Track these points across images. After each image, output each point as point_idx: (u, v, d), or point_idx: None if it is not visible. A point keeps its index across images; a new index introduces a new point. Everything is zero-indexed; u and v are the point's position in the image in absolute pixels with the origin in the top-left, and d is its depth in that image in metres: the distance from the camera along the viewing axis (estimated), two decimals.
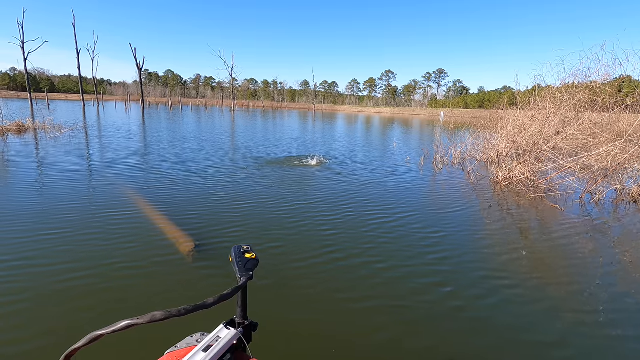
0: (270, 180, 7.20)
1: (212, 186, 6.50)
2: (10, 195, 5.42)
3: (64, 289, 2.91)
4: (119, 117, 25.38)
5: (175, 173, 7.45)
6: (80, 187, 6.12)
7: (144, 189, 6.06)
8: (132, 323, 0.62)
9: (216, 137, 14.91)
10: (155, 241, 3.88)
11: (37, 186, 6.04)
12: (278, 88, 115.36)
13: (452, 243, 4.29)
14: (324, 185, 6.97)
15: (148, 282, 3.10)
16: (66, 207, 4.95)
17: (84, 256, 3.47)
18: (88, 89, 60.03)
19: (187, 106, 60.64)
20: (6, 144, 10.58)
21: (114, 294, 2.89)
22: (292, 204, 5.61)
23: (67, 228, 4.16)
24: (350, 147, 13.85)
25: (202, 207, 5.19)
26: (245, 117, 35.85)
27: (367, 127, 29.41)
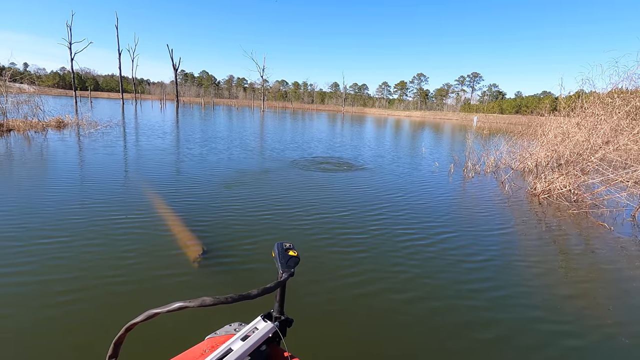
0: (293, 186, 6.90)
1: (232, 190, 6.31)
2: (28, 188, 5.55)
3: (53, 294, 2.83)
4: (154, 116, 26.27)
5: (199, 174, 7.41)
6: (99, 183, 6.19)
7: (163, 189, 6.04)
8: (184, 305, 0.66)
9: (245, 138, 14.92)
10: (164, 243, 3.77)
11: (56, 181, 6.18)
12: (308, 90, 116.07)
13: (486, 267, 3.80)
14: (349, 194, 6.61)
15: (152, 286, 2.97)
16: (77, 203, 4.99)
17: (86, 257, 3.40)
18: (128, 88, 63.06)
19: (219, 106, 62.16)
20: (45, 138, 11.13)
21: (115, 295, 2.77)
22: (313, 215, 5.22)
23: (70, 228, 4.14)
24: (378, 152, 13.46)
25: (219, 212, 5.01)
26: (274, 118, 36.14)
27: (396, 131, 28.75)
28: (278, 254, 1.01)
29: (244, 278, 3.23)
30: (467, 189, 7.79)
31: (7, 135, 11.21)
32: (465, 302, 3.08)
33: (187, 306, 0.67)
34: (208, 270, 3.31)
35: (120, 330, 0.68)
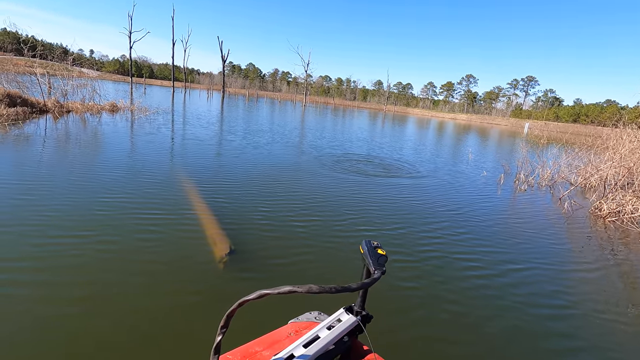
0: (330, 189, 6.43)
1: (267, 187, 6.12)
2: (76, 166, 5.77)
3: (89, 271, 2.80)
4: (201, 105, 27.19)
5: (236, 167, 7.37)
6: (137, 168, 6.32)
7: (199, 179, 6.04)
8: (293, 290, 0.71)
9: (285, 132, 14.79)
10: (192, 237, 3.69)
11: (102, 162, 6.39)
12: (351, 86, 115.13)
13: (564, 317, 3.15)
14: (390, 203, 6.13)
15: (174, 279, 2.87)
16: (112, 187, 5.08)
17: (107, 246, 3.38)
18: (180, 76, 66.13)
19: (262, 98, 63.34)
20: (99, 121, 11.77)
21: (134, 286, 2.70)
22: (350, 226, 4.69)
23: (101, 211, 4.19)
24: (421, 155, 12.85)
25: (251, 210, 4.83)
26: (315, 113, 36.08)
27: (440, 134, 27.56)
28: (367, 251, 1.02)
29: (269, 280, 3.05)
30: (520, 204, 7.11)
31: (66, 116, 12.00)
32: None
33: (295, 291, 0.71)
34: (233, 270, 3.16)
35: (234, 304, 0.73)
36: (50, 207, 4.13)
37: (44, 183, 4.98)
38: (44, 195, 4.50)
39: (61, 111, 12.54)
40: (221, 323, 0.76)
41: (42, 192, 4.59)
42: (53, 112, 12.18)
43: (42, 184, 4.91)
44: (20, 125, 9.27)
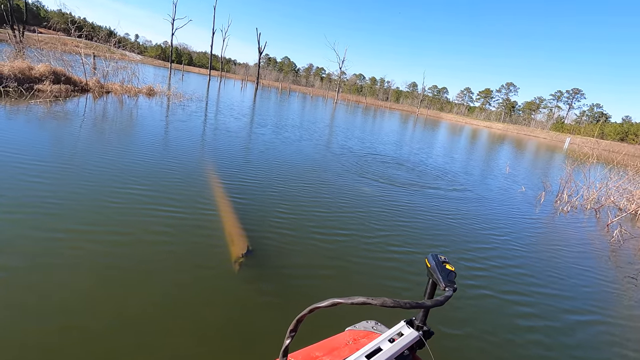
0: (356, 197, 5.90)
1: (292, 191, 5.72)
2: (92, 149, 5.81)
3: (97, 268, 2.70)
4: (234, 95, 27.52)
5: (264, 163, 7.21)
6: (163, 155, 6.31)
7: (224, 173, 5.95)
8: (367, 301, 0.70)
9: (317, 130, 14.49)
10: (209, 233, 3.55)
11: (127, 146, 6.43)
12: (384, 87, 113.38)
13: None
14: (421, 218, 5.60)
15: (186, 278, 2.72)
16: (133, 171, 5.05)
17: (122, 229, 3.29)
18: (217, 66, 67.47)
19: (294, 92, 63.56)
20: (135, 104, 12.04)
21: (140, 280, 2.57)
22: (377, 242, 4.28)
23: (121, 193, 4.13)
24: (453, 164, 12.30)
25: (273, 211, 4.61)
26: (346, 111, 35.70)
27: (473, 141, 26.49)
28: (436, 266, 0.99)
29: (284, 288, 2.85)
30: (564, 228, 6.53)
31: (105, 96, 12.38)
32: None
33: (369, 303, 0.70)
34: (248, 272, 2.99)
35: (305, 310, 0.73)
36: (67, 189, 4.13)
37: (64, 165, 5.03)
38: (61, 177, 4.53)
39: (101, 91, 12.95)
40: (290, 327, 0.77)
41: (60, 175, 4.62)
42: (93, 91, 12.60)
43: (61, 166, 4.97)
44: (62, 102, 9.60)
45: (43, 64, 11.24)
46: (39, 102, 8.81)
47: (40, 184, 4.05)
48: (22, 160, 4.69)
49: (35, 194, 3.77)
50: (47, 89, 10.36)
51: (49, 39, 16.04)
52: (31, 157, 4.87)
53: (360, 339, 1.10)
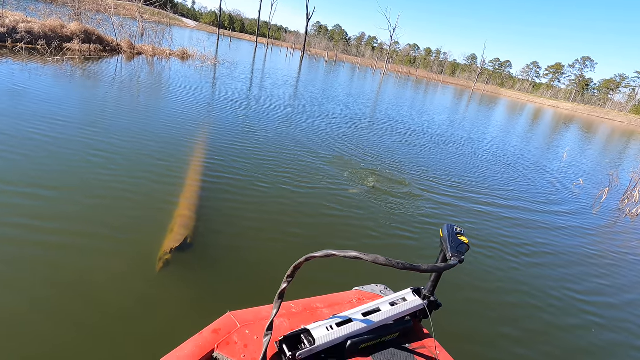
0: (345, 199, 4.25)
1: (302, 181, 4.87)
2: (103, 108, 5.51)
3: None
4: (276, 63, 26.91)
5: (281, 139, 6.51)
6: (162, 119, 5.88)
7: (225, 149, 5.42)
8: (359, 256, 0.71)
9: (361, 104, 13.27)
10: (151, 217, 3.00)
11: (129, 106, 6.10)
12: (440, 58, 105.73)
13: None
14: (461, 209, 4.92)
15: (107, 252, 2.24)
16: (124, 134, 4.65)
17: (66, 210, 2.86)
18: (268, 33, 66.74)
19: (342, 62, 61.38)
20: (164, 65, 11.93)
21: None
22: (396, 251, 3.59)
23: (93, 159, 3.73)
24: (505, 146, 10.83)
25: (262, 207, 3.87)
26: (395, 84, 33.57)
27: (534, 122, 23.67)
28: (448, 235, 0.97)
29: (216, 293, 2.29)
30: (626, 236, 5.24)
31: (137, 57, 12.39)
32: None
33: (361, 258, 0.71)
34: (171, 273, 2.45)
35: (301, 258, 0.74)
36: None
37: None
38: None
39: (133, 53, 12.96)
40: (288, 272, 0.79)
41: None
42: (125, 52, 12.63)
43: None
44: (90, 62, 9.63)
45: (76, 22, 11.34)
46: (66, 60, 8.88)
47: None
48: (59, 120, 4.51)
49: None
50: (76, 48, 10.46)
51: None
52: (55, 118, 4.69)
53: (365, 300, 1.13)
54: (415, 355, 0.97)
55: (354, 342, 0.91)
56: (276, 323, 0.93)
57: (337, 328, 0.91)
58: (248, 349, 0.87)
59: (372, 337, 0.93)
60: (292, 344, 0.87)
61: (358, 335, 0.92)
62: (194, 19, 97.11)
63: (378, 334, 0.94)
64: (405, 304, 1.02)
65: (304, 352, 0.85)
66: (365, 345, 0.93)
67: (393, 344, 0.98)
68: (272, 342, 0.85)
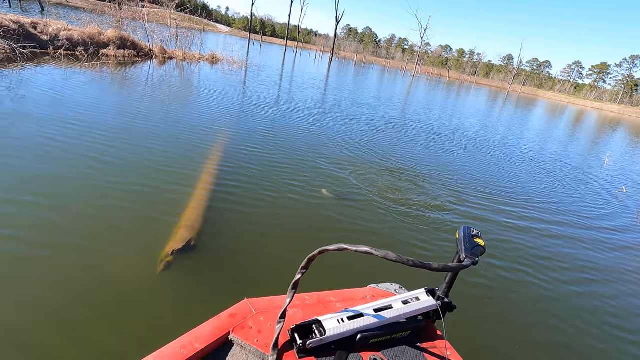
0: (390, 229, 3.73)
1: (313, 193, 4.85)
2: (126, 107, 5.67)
3: None
4: (305, 66, 27.08)
5: (298, 144, 6.45)
6: (180, 123, 5.95)
7: (230, 145, 5.41)
8: (370, 251, 0.73)
9: (388, 108, 13.00)
10: (156, 219, 2.98)
11: (146, 106, 6.25)
12: (474, 60, 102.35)
13: None
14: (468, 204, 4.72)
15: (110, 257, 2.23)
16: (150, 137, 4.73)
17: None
18: (299, 37, 67.55)
19: (370, 64, 60.90)
20: (193, 69, 12.27)
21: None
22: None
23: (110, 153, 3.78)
24: (540, 155, 10.22)
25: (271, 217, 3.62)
26: (425, 86, 32.79)
27: (575, 126, 22.23)
28: (463, 237, 0.98)
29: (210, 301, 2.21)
30: None
31: (168, 62, 12.85)
32: None
33: (372, 253, 0.73)
34: (172, 275, 2.40)
35: (315, 250, 0.78)
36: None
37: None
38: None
39: (164, 57, 13.44)
40: (302, 264, 0.82)
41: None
42: (157, 57, 13.11)
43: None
44: (125, 67, 10.07)
45: (112, 29, 11.92)
46: (101, 65, 9.33)
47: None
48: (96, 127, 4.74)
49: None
50: (111, 53, 10.97)
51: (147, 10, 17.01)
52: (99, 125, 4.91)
53: (378, 297, 1.14)
54: (425, 354, 0.98)
55: (364, 336, 0.93)
56: (289, 312, 0.96)
57: (348, 321, 0.94)
58: (261, 335, 0.91)
59: (382, 332, 0.95)
60: (303, 333, 0.91)
61: (368, 330, 0.94)
62: (227, 25, 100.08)
63: (389, 330, 0.97)
64: (418, 304, 1.03)
65: (314, 342, 0.88)
66: (376, 340, 0.95)
67: (404, 342, 0.99)
68: (284, 330, 0.90)
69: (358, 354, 0.92)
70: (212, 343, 0.87)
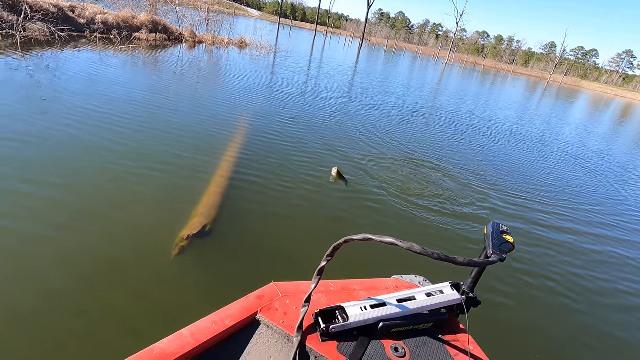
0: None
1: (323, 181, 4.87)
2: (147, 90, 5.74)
3: None
4: (334, 52, 26.62)
5: (321, 133, 6.33)
6: (205, 107, 5.95)
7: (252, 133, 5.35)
8: (395, 243, 0.74)
9: (418, 97, 12.52)
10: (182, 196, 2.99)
11: (173, 89, 6.28)
12: (512, 47, 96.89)
13: None
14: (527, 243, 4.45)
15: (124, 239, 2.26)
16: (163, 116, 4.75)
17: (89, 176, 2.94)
18: (329, 22, 66.39)
19: (401, 51, 59.10)
20: (221, 54, 12.32)
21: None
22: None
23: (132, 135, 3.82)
24: (583, 152, 9.57)
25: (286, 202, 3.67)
26: (458, 74, 31.45)
27: (621, 121, 20.64)
28: (492, 233, 0.97)
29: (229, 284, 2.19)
30: None
31: (197, 46, 12.98)
32: None
33: (397, 244, 0.73)
34: (186, 260, 2.40)
35: (340, 240, 0.80)
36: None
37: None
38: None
39: (194, 42, 13.56)
40: (327, 252, 0.85)
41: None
42: (187, 41, 13.25)
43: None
44: (156, 51, 10.25)
45: (145, 13, 12.11)
46: (134, 48, 9.53)
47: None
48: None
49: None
50: (144, 37, 11.17)
51: None
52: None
53: (402, 288, 1.15)
54: (447, 346, 0.99)
55: (386, 324, 0.96)
56: (314, 298, 1.00)
57: (370, 309, 0.97)
58: (287, 317, 0.96)
59: (404, 322, 0.98)
60: (327, 317, 0.95)
61: (391, 319, 0.97)
62: (258, 9, 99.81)
63: (411, 321, 0.98)
64: (442, 297, 1.04)
65: (337, 327, 0.92)
66: (397, 329, 0.98)
67: (426, 333, 1.01)
68: (308, 314, 0.94)
69: (379, 341, 0.95)
70: (240, 321, 0.93)
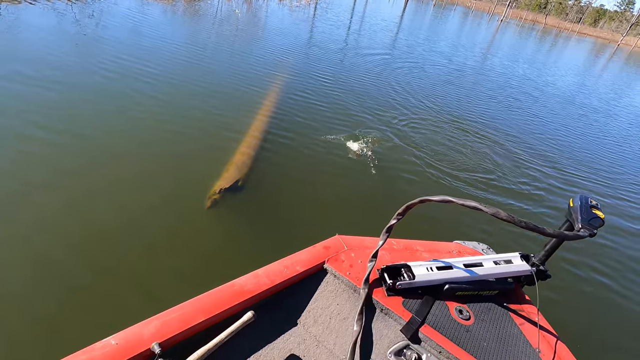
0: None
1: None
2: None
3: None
4: (378, 4, 24.96)
5: (358, 95, 5.97)
6: (236, 63, 5.76)
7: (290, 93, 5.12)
8: (478, 207, 0.72)
9: (467, 58, 11.53)
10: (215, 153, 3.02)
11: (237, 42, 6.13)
12: (581, 3, 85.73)
13: None
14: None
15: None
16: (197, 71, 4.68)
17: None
18: None
19: (452, 5, 54.19)
20: (265, 1, 11.94)
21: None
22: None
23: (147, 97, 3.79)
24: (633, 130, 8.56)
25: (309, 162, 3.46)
26: (514, 33, 28.58)
27: None
28: (579, 206, 0.92)
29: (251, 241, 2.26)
30: None
31: None
32: None
33: (481, 209, 0.71)
34: (218, 212, 2.44)
35: (415, 199, 0.79)
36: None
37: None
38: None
39: None
40: (399, 210, 0.86)
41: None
42: None
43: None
44: (196, 0, 10.04)
45: None
46: None
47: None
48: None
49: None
50: None
51: None
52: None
53: (465, 253, 1.16)
54: (512, 314, 1.00)
55: (452, 287, 0.97)
56: (379, 254, 1.02)
57: (436, 271, 0.99)
58: (353, 269, 1.00)
59: (470, 287, 0.99)
60: (392, 274, 0.98)
61: (457, 283, 0.98)
62: None
63: (477, 286, 0.99)
64: (511, 266, 1.04)
65: (404, 284, 0.95)
66: (462, 293, 0.99)
67: (490, 299, 1.02)
68: (374, 269, 0.98)
69: (444, 302, 0.97)
70: (309, 268, 0.98)
